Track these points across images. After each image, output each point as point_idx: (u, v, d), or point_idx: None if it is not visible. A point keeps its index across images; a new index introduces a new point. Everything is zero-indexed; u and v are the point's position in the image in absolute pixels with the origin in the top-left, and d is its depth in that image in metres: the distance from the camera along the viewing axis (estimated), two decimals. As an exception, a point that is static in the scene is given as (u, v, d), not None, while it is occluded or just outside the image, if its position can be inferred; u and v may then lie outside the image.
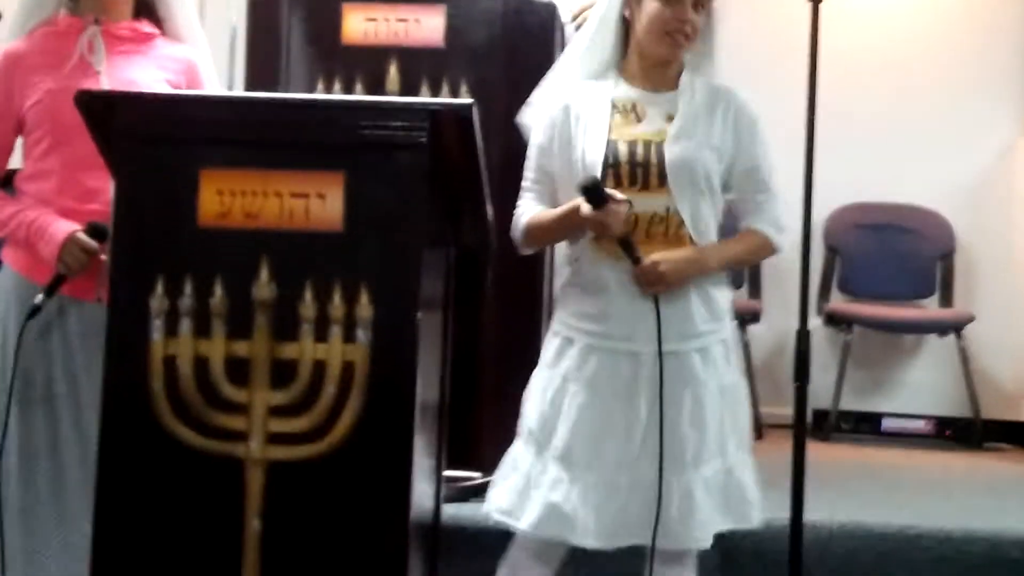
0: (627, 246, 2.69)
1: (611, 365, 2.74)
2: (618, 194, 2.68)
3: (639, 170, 2.74)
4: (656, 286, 2.69)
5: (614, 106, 2.79)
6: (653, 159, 2.73)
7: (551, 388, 2.77)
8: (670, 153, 2.73)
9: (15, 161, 2.96)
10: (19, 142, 2.94)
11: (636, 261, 2.69)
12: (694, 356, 2.75)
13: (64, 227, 2.77)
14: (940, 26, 6.11)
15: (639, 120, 2.78)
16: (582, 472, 2.71)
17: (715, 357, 2.78)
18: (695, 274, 2.74)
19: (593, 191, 2.65)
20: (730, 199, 2.85)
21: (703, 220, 2.76)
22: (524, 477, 2.75)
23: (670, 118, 2.77)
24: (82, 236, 2.75)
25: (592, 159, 2.73)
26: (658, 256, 2.69)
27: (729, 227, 2.89)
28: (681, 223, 2.73)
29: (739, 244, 2.86)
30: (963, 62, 6.04)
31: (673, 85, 2.81)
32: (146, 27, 2.96)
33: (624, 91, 2.81)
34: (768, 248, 2.87)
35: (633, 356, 2.73)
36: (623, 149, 2.75)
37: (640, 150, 2.75)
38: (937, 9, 6.14)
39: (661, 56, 2.79)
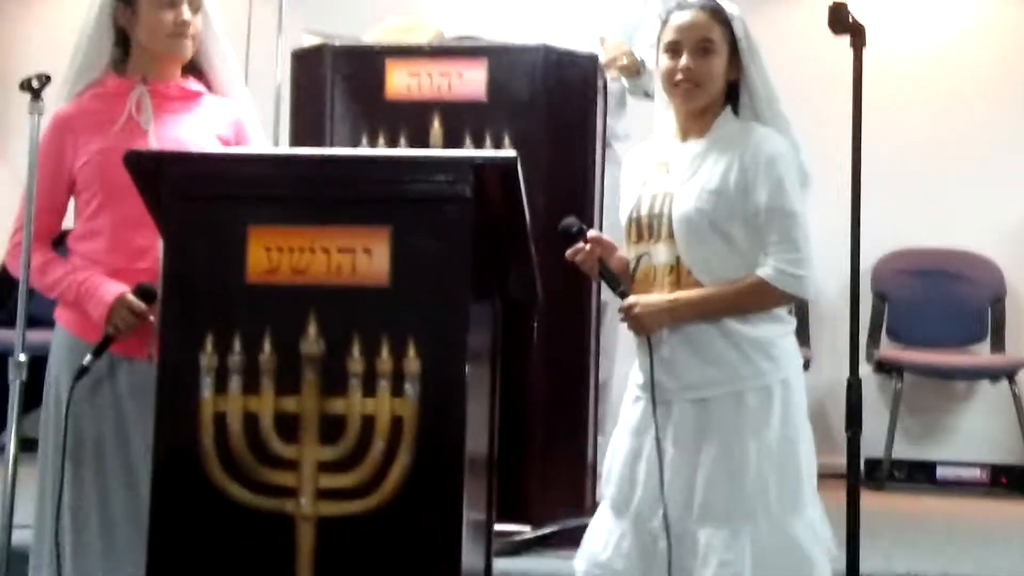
0: (607, 281, 2.80)
1: (647, 414, 2.75)
2: (594, 232, 2.82)
3: (654, 222, 2.77)
4: (634, 328, 2.73)
5: (655, 162, 2.83)
6: (665, 211, 2.75)
7: (614, 447, 2.84)
8: (676, 204, 2.74)
9: (67, 222, 3.00)
10: (71, 203, 2.98)
11: (622, 296, 2.76)
12: (725, 403, 2.69)
13: (113, 289, 2.80)
14: (986, 67, 6.09)
15: (667, 172, 2.80)
16: (627, 521, 2.75)
17: (750, 404, 2.69)
18: (668, 321, 2.71)
19: (564, 233, 2.79)
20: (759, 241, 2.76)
21: (715, 268, 2.72)
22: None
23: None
24: (131, 297, 2.78)
25: (624, 215, 2.84)
26: (634, 299, 2.72)
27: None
28: (690, 272, 2.72)
29: (732, 289, 2.71)
30: (1010, 104, 6.02)
31: (704, 134, 2.79)
32: (193, 85, 3.00)
33: (665, 147, 2.84)
34: (769, 294, 2.71)
35: (666, 405, 2.72)
36: (645, 203, 2.79)
37: (658, 203, 2.77)
38: (982, 50, 6.12)
39: (677, 107, 2.80)
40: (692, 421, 2.70)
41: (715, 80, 2.76)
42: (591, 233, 2.80)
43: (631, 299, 2.73)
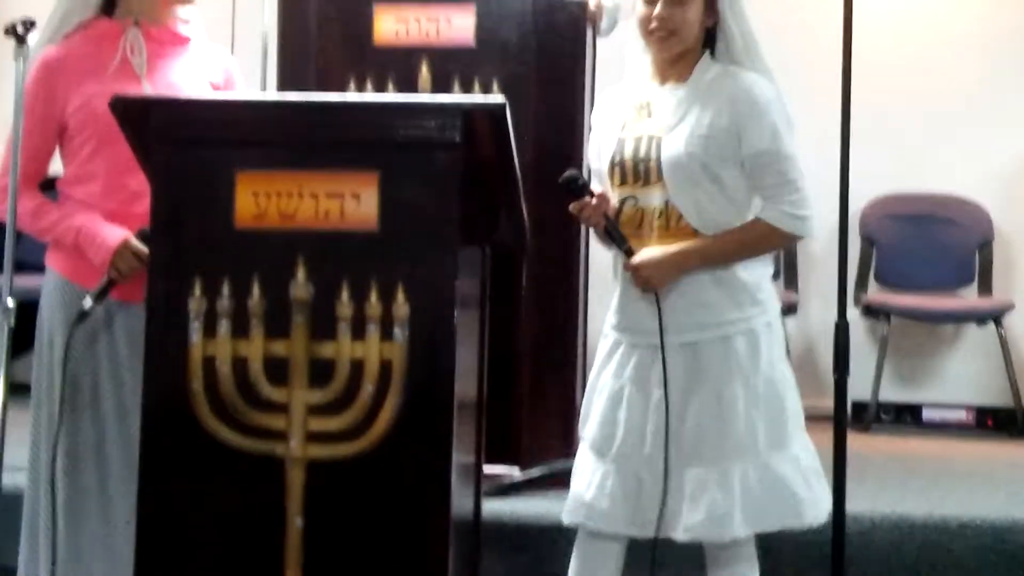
0: (612, 239, 2.77)
1: (635, 358, 2.78)
2: (598, 188, 2.78)
3: (641, 166, 2.78)
4: (644, 288, 2.73)
5: (633, 105, 2.83)
6: (653, 154, 2.76)
7: (593, 389, 2.86)
8: (665, 147, 2.75)
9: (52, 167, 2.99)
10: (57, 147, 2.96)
11: (628, 253, 2.74)
12: (714, 347, 2.73)
13: (116, 233, 2.79)
14: (975, 15, 6.07)
15: (649, 116, 2.80)
16: (609, 461, 2.78)
17: (738, 349, 2.73)
18: (677, 274, 2.73)
19: (567, 186, 2.76)
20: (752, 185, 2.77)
21: (705, 211, 2.74)
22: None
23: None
24: (135, 242, 2.77)
25: (605, 158, 2.83)
26: (639, 259, 2.72)
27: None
28: (680, 216, 2.74)
29: (737, 235, 2.75)
30: (997, 48, 6.00)
31: (684, 79, 2.80)
32: (183, 29, 2.98)
33: (643, 89, 2.84)
34: (775, 236, 2.76)
35: (652, 349, 2.74)
36: (629, 147, 2.79)
37: (643, 146, 2.78)
38: (970, -1, 6.10)
39: (654, 54, 2.81)
40: (681, 365, 2.73)
41: (691, 27, 2.76)
42: (595, 188, 2.79)
43: (638, 258, 2.73)
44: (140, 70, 2.88)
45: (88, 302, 2.76)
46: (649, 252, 2.73)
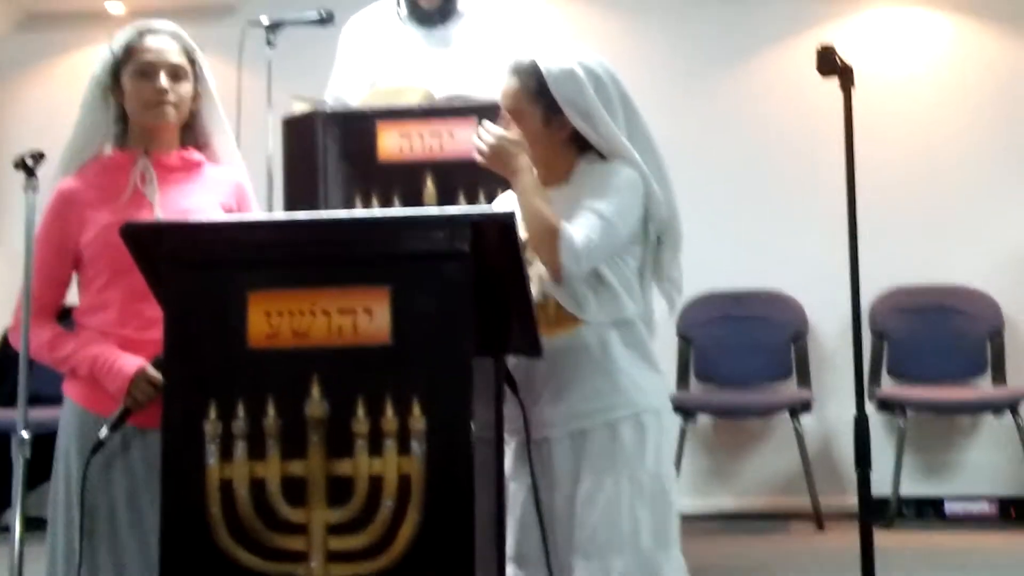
0: None
1: (511, 454, 2.83)
2: None
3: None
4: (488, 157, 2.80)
5: None
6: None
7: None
8: None
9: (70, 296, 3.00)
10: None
11: None
12: (601, 433, 2.74)
13: (131, 362, 2.79)
14: (972, 105, 6.14)
15: None
16: (512, 563, 2.80)
17: (624, 439, 2.73)
18: (511, 164, 2.77)
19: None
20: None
21: (578, 294, 2.76)
22: None
23: None
24: (151, 370, 2.78)
25: None
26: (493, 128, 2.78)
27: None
28: (557, 304, 2.77)
29: (545, 214, 2.72)
30: (1000, 138, 6.06)
31: (564, 180, 2.85)
32: (194, 155, 3.02)
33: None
34: (553, 240, 2.68)
35: (542, 442, 2.77)
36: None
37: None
38: (969, 90, 6.17)
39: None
40: (570, 453, 2.75)
41: (534, 139, 2.81)
42: None
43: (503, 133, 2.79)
44: (152, 198, 2.91)
45: (104, 431, 2.76)
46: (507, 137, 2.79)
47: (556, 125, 2.82)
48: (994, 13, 6.20)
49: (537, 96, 2.80)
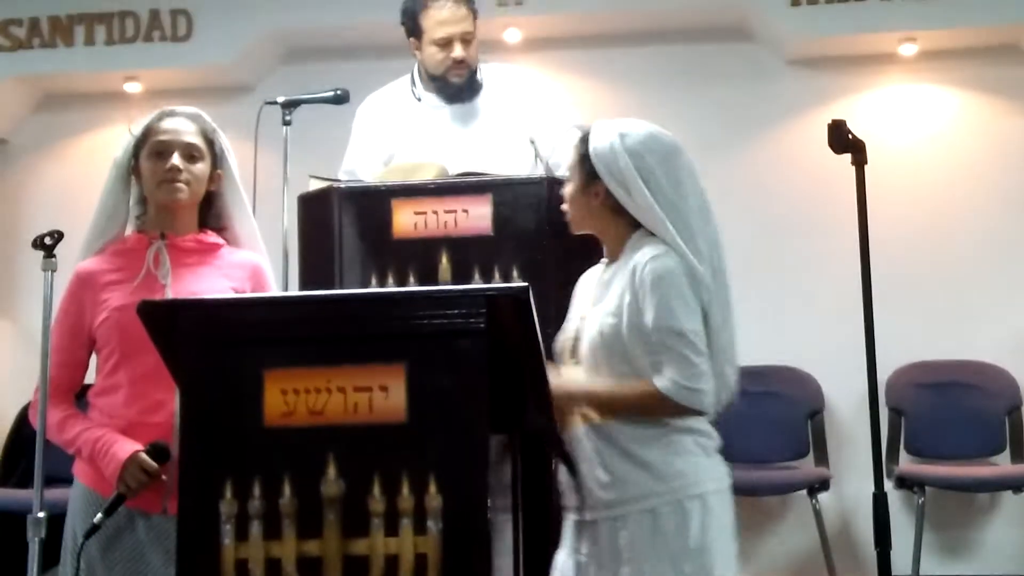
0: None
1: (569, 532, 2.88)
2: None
3: (579, 344, 2.88)
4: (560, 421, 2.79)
5: (595, 284, 2.95)
6: (580, 334, 2.88)
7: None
8: (585, 328, 2.86)
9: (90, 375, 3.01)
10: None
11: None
12: (638, 520, 2.73)
13: (126, 448, 2.79)
14: (986, 182, 6.15)
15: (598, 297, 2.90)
16: None
17: (664, 524, 2.72)
18: (581, 405, 2.79)
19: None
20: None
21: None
22: None
23: None
24: (143, 456, 2.78)
25: (561, 335, 2.96)
26: (555, 384, 2.73)
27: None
28: None
29: (631, 392, 2.75)
30: (1016, 212, 6.06)
31: (617, 257, 2.90)
32: (211, 238, 3.03)
33: (604, 269, 2.96)
34: (662, 402, 2.71)
35: (591, 522, 2.80)
36: (574, 325, 2.93)
37: (580, 326, 2.89)
38: (982, 166, 6.19)
39: None
40: (608, 539, 2.76)
41: (575, 208, 2.93)
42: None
43: (555, 379, 2.76)
44: (164, 280, 2.93)
45: (99, 516, 2.76)
46: (562, 381, 2.79)
47: (592, 192, 2.88)
48: (1002, 87, 6.23)
49: (581, 162, 2.89)
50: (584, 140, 2.90)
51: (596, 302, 2.87)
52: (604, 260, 2.96)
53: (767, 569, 6.06)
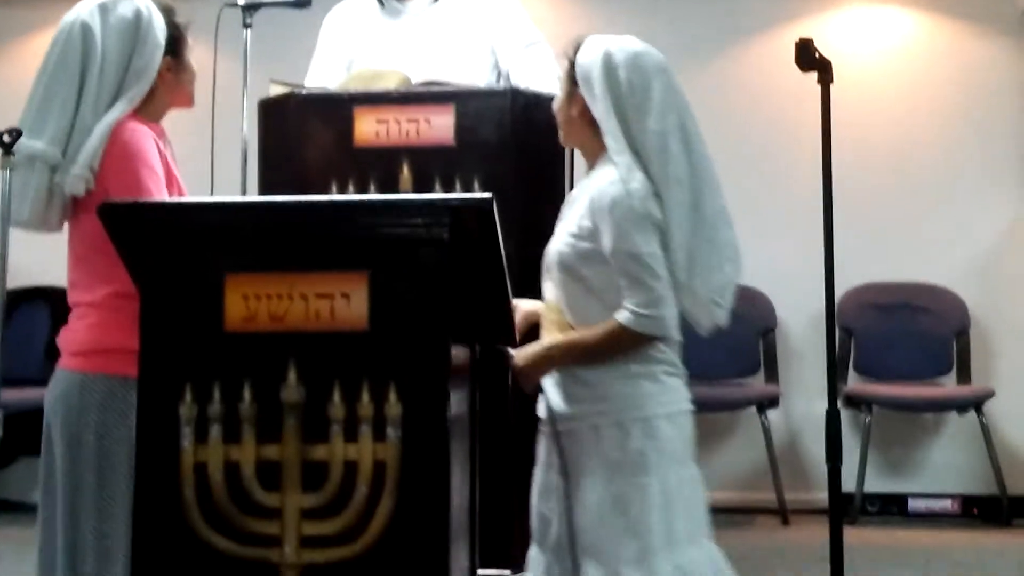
0: None
1: (543, 445, 2.93)
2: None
3: (543, 260, 2.93)
4: (523, 381, 2.83)
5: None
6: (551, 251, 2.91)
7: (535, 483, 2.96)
8: (550, 245, 2.90)
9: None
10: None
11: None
12: (609, 431, 2.78)
13: None
14: (945, 105, 6.18)
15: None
16: (548, 551, 2.91)
17: (605, 441, 2.77)
18: (547, 368, 2.82)
19: None
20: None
21: (575, 308, 2.83)
22: None
23: None
24: None
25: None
26: (515, 352, 2.82)
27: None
28: (562, 312, 2.85)
29: (594, 334, 2.78)
30: (971, 138, 6.10)
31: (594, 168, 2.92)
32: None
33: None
34: (625, 335, 2.75)
35: (549, 435, 2.87)
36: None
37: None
38: (942, 90, 6.21)
39: None
40: (562, 451, 2.80)
41: (566, 120, 2.93)
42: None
43: (514, 351, 2.83)
44: (176, 171, 2.93)
45: None
46: (524, 348, 2.82)
47: (571, 101, 2.90)
48: (967, 11, 6.23)
49: (568, 73, 2.92)
50: (576, 51, 2.90)
51: (562, 219, 2.90)
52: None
53: (716, 485, 6.13)
